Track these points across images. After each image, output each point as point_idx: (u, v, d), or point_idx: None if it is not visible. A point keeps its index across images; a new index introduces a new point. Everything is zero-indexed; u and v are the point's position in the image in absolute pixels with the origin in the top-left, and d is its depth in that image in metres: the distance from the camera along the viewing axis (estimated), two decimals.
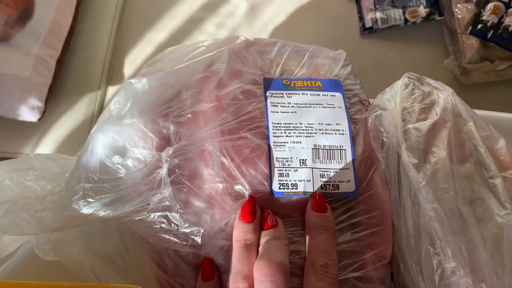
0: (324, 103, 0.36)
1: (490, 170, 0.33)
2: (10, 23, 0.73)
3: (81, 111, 0.77)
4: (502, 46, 0.68)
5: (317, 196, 0.32)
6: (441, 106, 0.36)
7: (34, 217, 0.32)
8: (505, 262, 0.30)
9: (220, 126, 0.32)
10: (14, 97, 0.71)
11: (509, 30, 0.67)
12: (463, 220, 0.31)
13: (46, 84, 0.73)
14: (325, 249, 0.30)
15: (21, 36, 0.73)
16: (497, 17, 0.69)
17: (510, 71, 0.74)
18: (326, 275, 0.29)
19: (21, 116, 0.71)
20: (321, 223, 0.31)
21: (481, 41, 0.70)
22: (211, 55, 0.35)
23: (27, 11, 0.75)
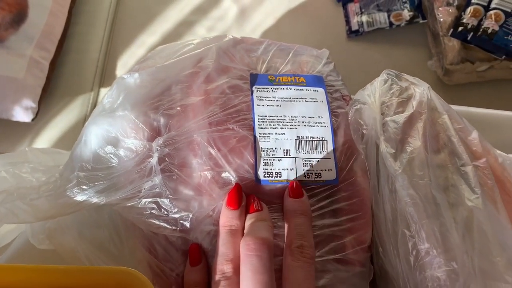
0: (307, 98, 0.38)
1: (462, 159, 0.35)
2: (4, 26, 0.74)
3: (74, 112, 0.78)
4: (481, 48, 0.70)
5: (293, 183, 0.33)
6: (417, 99, 0.38)
7: (30, 205, 0.33)
8: (474, 242, 0.32)
9: (208, 118, 0.34)
10: (8, 98, 0.72)
11: (488, 32, 0.70)
12: (436, 205, 0.33)
13: (39, 85, 0.74)
14: (301, 232, 0.32)
15: (15, 39, 0.74)
16: (477, 20, 0.71)
17: (490, 72, 0.76)
18: (302, 255, 0.30)
19: (15, 116, 0.73)
20: (297, 207, 0.32)
21: (462, 43, 0.73)
22: (199, 51, 0.37)
23: (21, 14, 0.76)
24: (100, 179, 0.32)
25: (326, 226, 0.34)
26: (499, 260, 0.30)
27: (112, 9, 0.90)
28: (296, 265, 0.30)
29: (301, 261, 0.30)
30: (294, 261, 0.30)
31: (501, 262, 0.30)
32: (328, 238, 0.34)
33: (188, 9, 0.91)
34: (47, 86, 0.76)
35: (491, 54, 0.71)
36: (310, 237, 0.31)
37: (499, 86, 0.78)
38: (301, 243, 0.31)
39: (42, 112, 0.75)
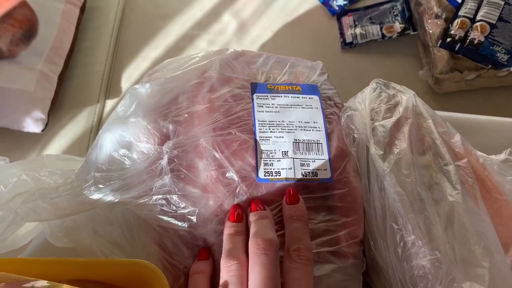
0: (303, 104, 0.41)
1: (445, 159, 0.39)
2: (15, 41, 0.78)
3: (82, 123, 0.82)
4: (468, 57, 0.74)
5: (290, 191, 0.36)
6: (404, 105, 0.42)
7: (50, 203, 0.36)
8: (455, 233, 0.35)
9: (212, 124, 0.38)
10: (19, 110, 0.76)
11: (474, 43, 0.74)
12: (421, 201, 0.37)
13: (49, 97, 0.78)
14: (297, 236, 0.34)
15: (26, 54, 0.78)
16: (464, 31, 0.75)
17: (479, 80, 0.80)
18: (299, 258, 0.33)
19: (25, 127, 0.76)
20: (293, 213, 0.35)
21: (450, 53, 0.77)
22: (204, 63, 0.41)
23: (31, 30, 0.80)
24: (115, 179, 0.35)
25: (322, 221, 0.37)
26: (476, 248, 0.33)
27: (117, 25, 0.94)
28: (293, 267, 0.33)
29: (298, 263, 0.33)
30: (292, 263, 0.33)
31: (479, 250, 0.33)
32: (324, 232, 0.37)
33: (190, 24, 0.95)
34: (55, 98, 0.80)
35: (478, 64, 0.75)
36: (307, 240, 0.34)
37: (487, 94, 0.82)
38: (297, 247, 0.33)
39: (51, 123, 0.79)
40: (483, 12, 0.75)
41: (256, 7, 0.96)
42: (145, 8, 0.96)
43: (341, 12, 0.92)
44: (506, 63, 0.73)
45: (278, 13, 0.95)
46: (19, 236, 0.45)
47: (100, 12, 0.94)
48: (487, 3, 0.75)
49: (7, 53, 0.77)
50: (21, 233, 0.45)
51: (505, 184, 0.41)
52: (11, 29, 0.78)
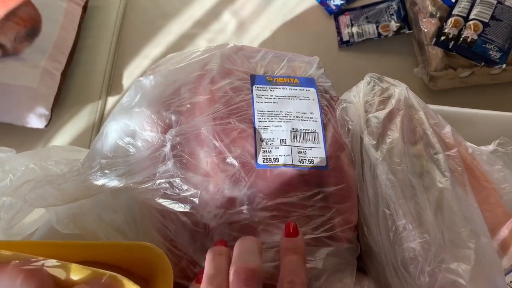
0: (300, 96, 0.43)
1: (435, 148, 0.41)
2: (19, 39, 0.80)
3: (84, 119, 0.84)
4: (462, 55, 0.76)
5: (290, 224, 0.34)
6: (396, 98, 0.43)
7: (58, 189, 0.38)
8: (444, 218, 0.37)
9: (212, 114, 0.39)
10: (23, 106, 0.77)
11: (468, 41, 0.76)
12: (412, 187, 0.38)
13: (52, 94, 0.80)
14: (293, 268, 0.32)
15: (29, 51, 0.80)
16: (457, 30, 0.77)
17: (472, 78, 0.82)
18: None
19: (29, 123, 0.78)
20: (291, 246, 0.33)
21: (444, 51, 0.78)
22: (205, 57, 0.43)
23: (34, 28, 0.82)
24: (120, 165, 0.37)
25: (318, 208, 0.39)
26: (463, 231, 0.35)
27: (118, 24, 0.95)
28: None
29: None
30: None
31: (465, 233, 0.35)
32: (319, 218, 0.39)
33: (190, 23, 0.97)
34: (58, 95, 0.81)
35: (471, 61, 0.77)
36: (302, 273, 0.32)
37: (481, 92, 0.84)
38: (292, 279, 0.32)
39: (54, 119, 0.81)
40: (476, 11, 0.77)
41: (255, 6, 0.97)
42: (146, 7, 0.98)
43: (338, 11, 0.94)
44: (499, 60, 0.75)
45: (276, 12, 0.97)
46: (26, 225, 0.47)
47: (102, 11, 0.96)
48: (480, 2, 0.77)
49: (11, 50, 0.79)
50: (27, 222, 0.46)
51: (493, 173, 0.43)
52: (15, 27, 0.79)
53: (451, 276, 0.34)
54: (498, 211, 0.40)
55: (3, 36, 0.79)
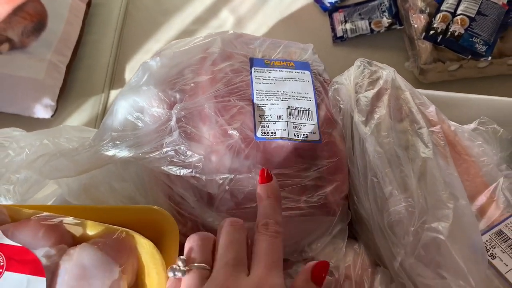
0: (296, 78, 0.46)
1: (419, 124, 0.44)
2: (26, 33, 0.83)
3: (88, 111, 0.87)
4: (450, 48, 0.80)
5: (264, 171, 0.36)
6: (384, 79, 0.47)
7: (72, 161, 0.41)
8: (427, 184, 0.40)
9: (214, 93, 0.43)
10: (30, 97, 0.80)
11: (455, 35, 0.79)
12: (398, 158, 0.42)
13: (57, 86, 0.83)
14: (267, 211, 0.34)
15: (36, 45, 0.83)
16: (445, 25, 0.81)
17: (460, 71, 0.86)
18: (266, 231, 0.33)
19: (35, 113, 0.81)
20: (264, 191, 0.35)
21: (433, 45, 0.82)
22: (207, 41, 0.46)
23: (40, 23, 0.85)
24: (129, 137, 0.40)
25: (312, 179, 0.42)
26: (443, 194, 0.38)
27: (121, 20, 0.99)
28: (260, 239, 0.33)
29: (265, 235, 0.33)
30: (259, 236, 0.33)
31: (445, 195, 0.38)
32: (314, 187, 0.42)
33: (190, 19, 1.00)
34: (63, 87, 0.84)
35: (459, 55, 0.81)
36: (276, 214, 0.34)
37: (469, 84, 0.87)
38: (266, 221, 0.33)
39: (59, 110, 0.84)
40: (463, 7, 0.81)
41: (252, 4, 1.01)
42: (147, 4, 1.02)
43: (332, 8, 0.98)
44: (484, 53, 0.79)
45: (273, 9, 1.00)
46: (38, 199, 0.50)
47: (105, 7, 0.99)
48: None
49: (18, 44, 0.82)
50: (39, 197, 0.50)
51: (474, 148, 0.46)
52: (23, 22, 0.83)
53: (432, 234, 0.37)
54: (477, 181, 0.44)
55: (11, 30, 0.82)
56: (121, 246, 0.34)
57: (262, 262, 0.31)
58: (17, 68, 0.80)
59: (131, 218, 0.38)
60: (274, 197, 0.35)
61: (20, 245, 0.32)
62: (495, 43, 0.80)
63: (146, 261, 0.34)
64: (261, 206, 0.35)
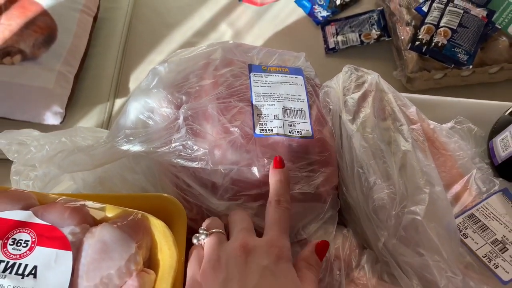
0: (290, 82, 0.52)
1: (400, 121, 0.49)
2: (37, 45, 0.88)
3: (94, 118, 0.92)
4: (434, 58, 0.85)
5: (277, 158, 0.43)
6: (369, 82, 0.52)
7: (88, 155, 0.46)
8: (407, 173, 0.45)
9: (216, 95, 0.48)
10: (40, 105, 0.85)
11: (438, 45, 0.85)
12: (381, 151, 0.47)
13: (66, 94, 0.88)
14: (278, 191, 0.41)
15: (46, 56, 0.88)
16: (430, 36, 0.87)
17: (445, 79, 0.92)
18: (279, 206, 0.40)
19: (45, 120, 0.86)
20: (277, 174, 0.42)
21: (419, 55, 0.88)
22: (210, 50, 0.51)
23: (50, 36, 0.90)
24: (141, 134, 0.45)
25: (305, 171, 0.47)
26: (421, 181, 0.43)
27: (125, 33, 1.04)
28: (274, 211, 0.40)
29: (278, 208, 0.41)
30: (273, 209, 0.41)
31: (422, 182, 0.43)
32: (307, 178, 0.47)
33: (190, 33, 1.06)
34: (72, 95, 0.89)
35: (443, 64, 0.87)
36: (286, 195, 0.41)
37: (453, 92, 0.93)
38: (278, 198, 0.41)
39: (68, 117, 0.88)
40: (445, 19, 0.87)
41: (249, 18, 1.07)
42: (150, 19, 1.07)
43: (324, 22, 1.04)
44: (466, 62, 0.85)
45: (269, 23, 1.06)
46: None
47: (111, 22, 1.05)
48: (448, 12, 0.87)
49: (30, 55, 0.87)
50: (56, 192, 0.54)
51: (450, 144, 0.52)
52: (34, 35, 0.88)
53: (411, 216, 0.42)
54: (453, 172, 0.49)
55: (23, 42, 0.87)
56: (137, 226, 0.38)
57: (275, 227, 0.39)
58: (28, 78, 0.85)
59: (144, 204, 0.43)
60: (285, 179, 0.42)
61: (49, 223, 0.37)
62: (476, 53, 0.86)
63: (158, 238, 0.39)
64: (273, 187, 0.42)
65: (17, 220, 0.36)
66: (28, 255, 0.35)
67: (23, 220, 0.36)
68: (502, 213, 0.44)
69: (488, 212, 0.45)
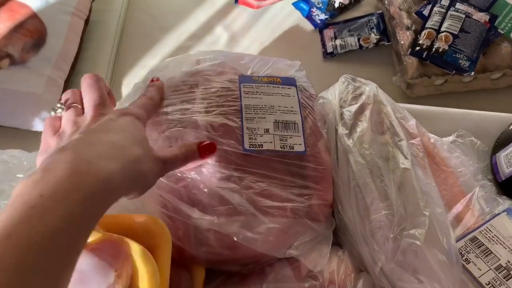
0: (282, 93, 0.49)
1: (399, 136, 0.47)
2: (26, 49, 0.86)
3: None
4: (434, 63, 0.83)
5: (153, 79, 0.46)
6: (366, 94, 0.50)
7: None
8: (406, 193, 0.43)
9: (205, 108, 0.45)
10: (29, 111, 0.83)
11: (439, 51, 0.83)
12: (379, 168, 0.44)
13: (56, 100, 0.85)
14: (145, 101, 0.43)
15: (35, 60, 0.86)
16: (430, 41, 0.85)
17: (446, 85, 0.89)
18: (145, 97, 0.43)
19: (34, 127, 0.83)
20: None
21: (419, 60, 0.86)
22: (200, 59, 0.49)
23: (40, 39, 0.88)
24: None
25: (298, 187, 0.44)
26: (420, 202, 0.41)
27: (117, 36, 1.02)
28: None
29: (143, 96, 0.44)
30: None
31: (422, 203, 0.41)
32: (299, 195, 0.44)
33: (185, 36, 1.03)
34: None
35: (444, 70, 0.84)
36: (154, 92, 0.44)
37: (454, 98, 0.91)
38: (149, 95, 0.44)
39: None
40: (447, 24, 0.85)
41: (246, 21, 1.04)
42: (143, 22, 1.05)
43: (322, 25, 1.01)
44: (468, 68, 0.82)
45: (265, 26, 1.04)
46: None
47: (103, 25, 1.02)
48: (450, 16, 0.85)
49: (18, 59, 0.85)
50: None
51: (452, 159, 0.49)
52: (23, 38, 0.86)
53: (409, 240, 0.39)
54: (454, 191, 0.46)
55: (11, 46, 0.85)
56: (117, 252, 0.36)
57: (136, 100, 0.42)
58: (17, 83, 0.83)
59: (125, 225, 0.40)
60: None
61: None
62: (478, 59, 0.83)
63: (139, 265, 0.36)
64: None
65: None
66: None
67: None
68: (506, 236, 0.42)
69: (492, 235, 0.42)
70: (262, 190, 0.43)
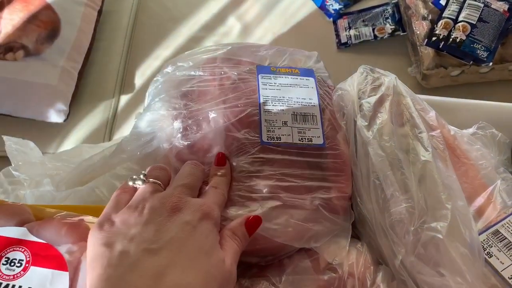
0: (300, 84, 0.49)
1: (420, 128, 0.46)
2: (40, 41, 0.86)
3: (99, 115, 0.90)
4: (452, 54, 0.82)
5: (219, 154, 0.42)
6: (386, 85, 0.49)
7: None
8: (427, 186, 0.42)
9: (223, 99, 0.45)
10: (44, 102, 0.83)
11: (457, 41, 0.81)
12: (399, 161, 0.44)
13: (70, 91, 0.86)
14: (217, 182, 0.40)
15: (50, 51, 0.86)
16: (447, 31, 0.83)
17: (463, 76, 0.88)
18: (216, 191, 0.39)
19: (49, 118, 0.84)
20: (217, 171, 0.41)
21: (435, 51, 0.84)
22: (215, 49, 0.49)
23: (54, 31, 0.88)
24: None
25: (316, 179, 0.44)
26: (442, 195, 0.40)
27: (130, 27, 1.02)
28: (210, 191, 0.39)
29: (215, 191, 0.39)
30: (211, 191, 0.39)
31: (444, 196, 0.40)
32: (318, 188, 0.44)
33: (197, 27, 1.03)
34: (76, 92, 0.87)
35: (461, 60, 0.83)
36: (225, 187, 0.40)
37: (471, 89, 0.89)
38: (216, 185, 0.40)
39: (72, 114, 0.87)
40: (464, 14, 0.83)
41: (259, 11, 1.04)
42: (156, 12, 1.05)
43: (336, 15, 1.00)
44: (486, 59, 0.81)
45: (279, 17, 1.03)
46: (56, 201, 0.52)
47: (116, 15, 1.02)
48: (468, 6, 0.83)
49: (33, 51, 0.85)
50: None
51: (473, 152, 0.48)
52: (37, 30, 0.86)
53: (431, 233, 0.39)
54: (475, 183, 0.46)
55: (25, 37, 0.85)
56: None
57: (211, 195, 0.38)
58: (31, 75, 0.83)
59: None
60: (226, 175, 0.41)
61: (44, 241, 0.34)
62: (496, 49, 0.82)
63: None
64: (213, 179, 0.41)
65: (11, 238, 0.34)
66: (22, 276, 0.33)
67: (17, 237, 0.34)
68: None
69: None
70: (280, 182, 0.43)
